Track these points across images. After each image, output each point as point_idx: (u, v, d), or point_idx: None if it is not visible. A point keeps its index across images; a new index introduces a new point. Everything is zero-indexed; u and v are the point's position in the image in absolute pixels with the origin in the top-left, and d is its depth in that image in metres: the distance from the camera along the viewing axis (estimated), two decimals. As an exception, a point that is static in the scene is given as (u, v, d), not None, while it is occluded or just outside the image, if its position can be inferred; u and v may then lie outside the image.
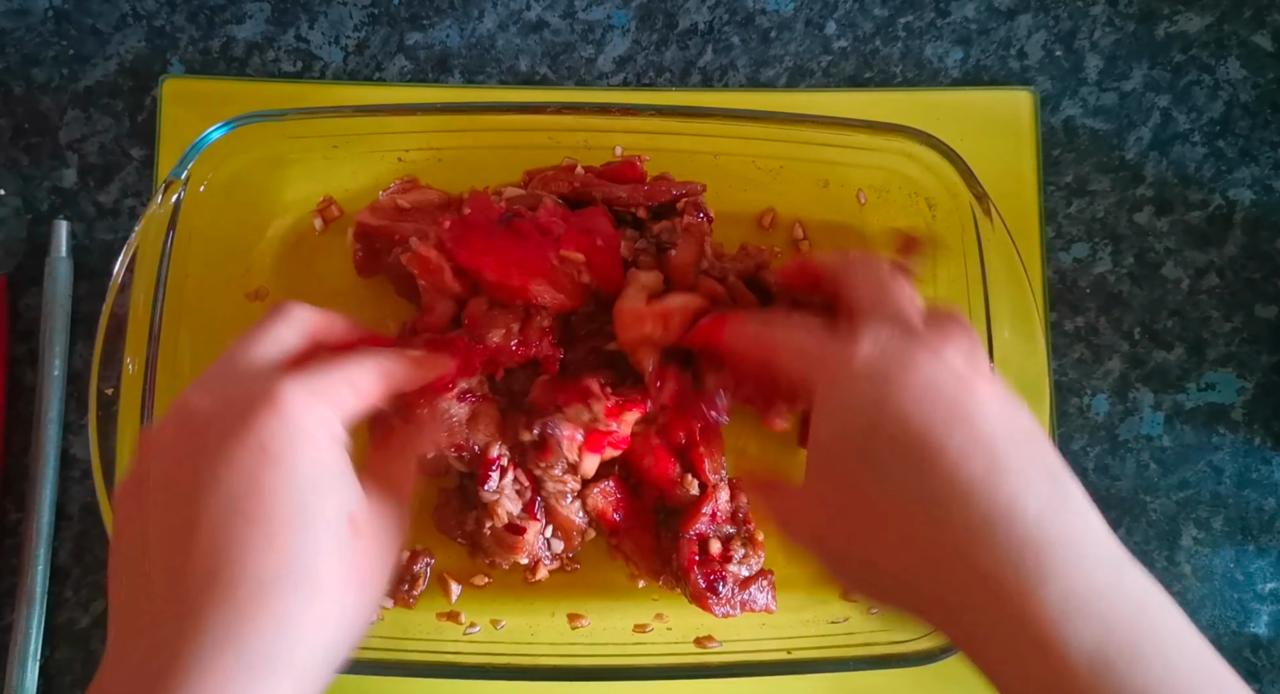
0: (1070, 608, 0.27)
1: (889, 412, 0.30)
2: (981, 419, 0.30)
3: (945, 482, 0.29)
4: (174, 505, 0.30)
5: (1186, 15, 0.55)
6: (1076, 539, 0.29)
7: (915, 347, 0.32)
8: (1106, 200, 0.54)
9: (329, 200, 0.51)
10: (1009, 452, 0.29)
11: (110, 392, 0.44)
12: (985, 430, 0.30)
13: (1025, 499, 0.29)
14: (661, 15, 0.55)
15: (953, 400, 0.30)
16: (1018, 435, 0.30)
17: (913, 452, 0.30)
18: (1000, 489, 0.29)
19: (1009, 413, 0.31)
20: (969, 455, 0.29)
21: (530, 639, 0.48)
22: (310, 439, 0.30)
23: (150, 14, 0.54)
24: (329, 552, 0.30)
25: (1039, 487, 0.29)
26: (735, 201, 0.51)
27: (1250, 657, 0.51)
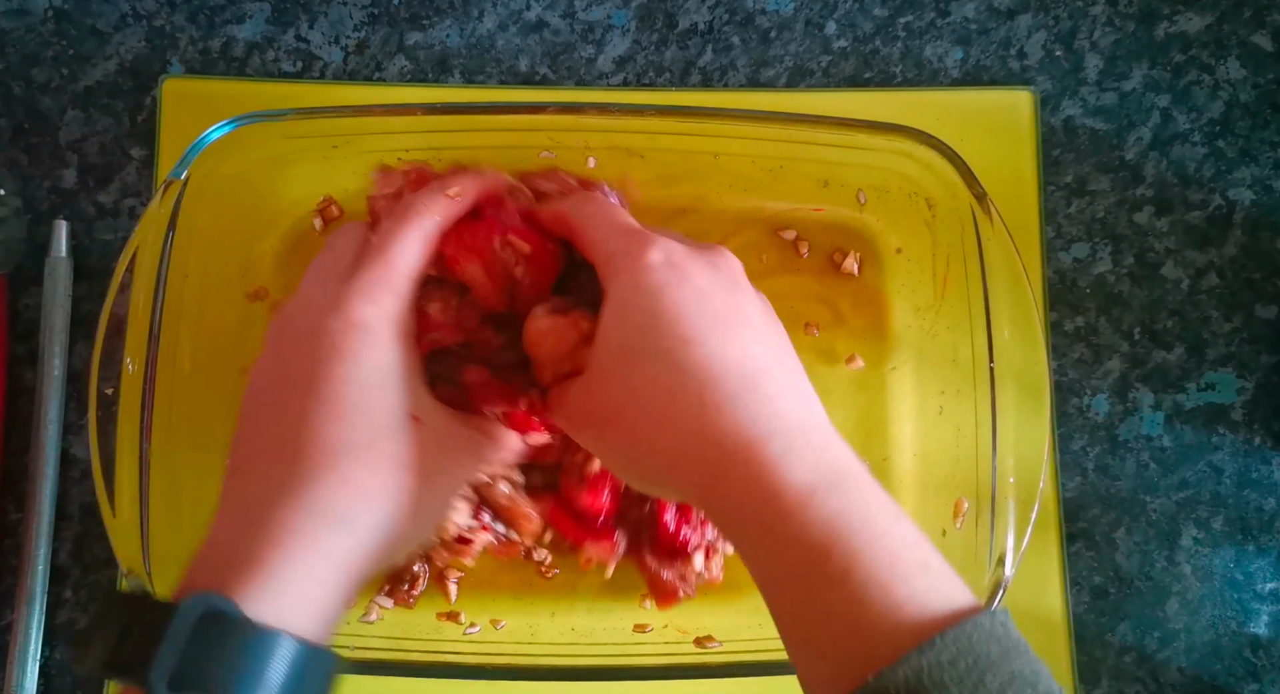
0: (789, 457, 0.31)
1: (666, 311, 0.34)
2: (741, 325, 0.34)
3: (702, 368, 0.33)
4: (270, 389, 0.35)
5: (1186, 15, 0.55)
6: (803, 417, 0.33)
7: (696, 256, 0.36)
8: (1106, 200, 0.54)
9: (329, 200, 0.51)
10: (756, 354, 0.34)
11: (110, 391, 0.44)
12: (741, 334, 0.34)
13: (766, 385, 0.33)
14: (661, 15, 0.55)
15: (720, 307, 0.34)
16: (768, 340, 0.35)
17: (680, 344, 0.33)
18: (742, 379, 0.33)
19: (766, 323, 0.36)
20: (726, 350, 0.33)
21: (530, 639, 0.48)
22: (375, 344, 0.35)
23: (150, 14, 0.54)
24: (391, 433, 0.34)
25: (779, 376, 0.34)
26: (735, 202, 0.51)
27: (1250, 657, 0.51)
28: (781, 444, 0.31)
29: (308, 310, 0.36)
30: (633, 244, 0.36)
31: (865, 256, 0.52)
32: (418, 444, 0.35)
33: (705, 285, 0.35)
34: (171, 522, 0.45)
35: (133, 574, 0.43)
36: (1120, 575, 0.52)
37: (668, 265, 0.35)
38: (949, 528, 0.48)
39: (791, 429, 0.32)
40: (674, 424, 0.33)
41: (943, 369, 0.50)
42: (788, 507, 0.30)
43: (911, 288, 0.51)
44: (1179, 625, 0.51)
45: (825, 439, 0.33)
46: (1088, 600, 0.51)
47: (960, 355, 0.48)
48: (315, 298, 0.37)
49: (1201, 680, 0.51)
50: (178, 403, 0.46)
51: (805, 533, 0.30)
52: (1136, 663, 0.51)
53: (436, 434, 0.36)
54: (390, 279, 0.37)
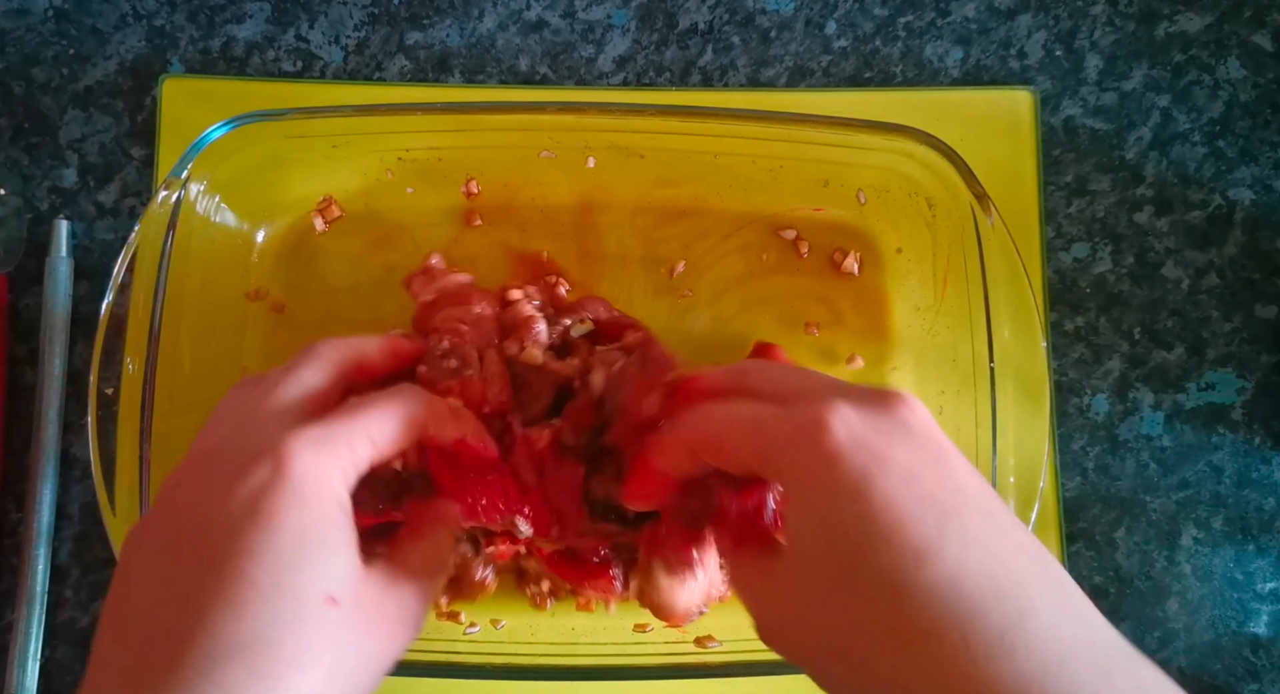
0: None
1: (877, 516, 0.26)
2: (968, 511, 0.27)
3: (939, 596, 0.25)
4: (161, 553, 0.29)
5: (1186, 15, 0.55)
6: (1089, 644, 0.26)
7: (882, 422, 0.28)
8: (1106, 200, 0.54)
9: (329, 200, 0.51)
10: (1002, 552, 0.26)
11: (110, 391, 0.44)
12: (974, 526, 0.27)
13: (1034, 613, 0.25)
14: (661, 15, 0.55)
15: (936, 491, 0.27)
16: (1006, 529, 0.27)
17: (910, 562, 0.26)
18: (1003, 602, 0.25)
19: (986, 491, 0.28)
20: (968, 559, 0.26)
21: (530, 639, 0.48)
22: (305, 506, 0.28)
23: (150, 14, 0.54)
24: (295, 625, 0.27)
25: (1044, 593, 0.26)
26: (735, 202, 0.51)
27: (1250, 657, 0.51)
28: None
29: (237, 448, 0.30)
30: (799, 424, 0.28)
31: (865, 256, 0.52)
32: (329, 634, 0.28)
33: (910, 464, 0.27)
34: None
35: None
36: (1120, 575, 0.52)
37: (856, 446, 0.27)
38: (949, 528, 0.48)
39: (1081, 671, 0.25)
40: (928, 674, 0.25)
41: (943, 369, 0.50)
42: None
43: (911, 288, 0.51)
44: (1179, 625, 0.51)
45: (1133, 679, 0.25)
46: (1088, 600, 0.51)
47: (960, 355, 0.48)
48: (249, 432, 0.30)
49: (1201, 680, 0.51)
50: (178, 403, 0.46)
51: None
52: (1136, 663, 0.51)
53: (358, 616, 0.29)
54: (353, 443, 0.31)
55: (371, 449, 0.31)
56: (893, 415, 0.29)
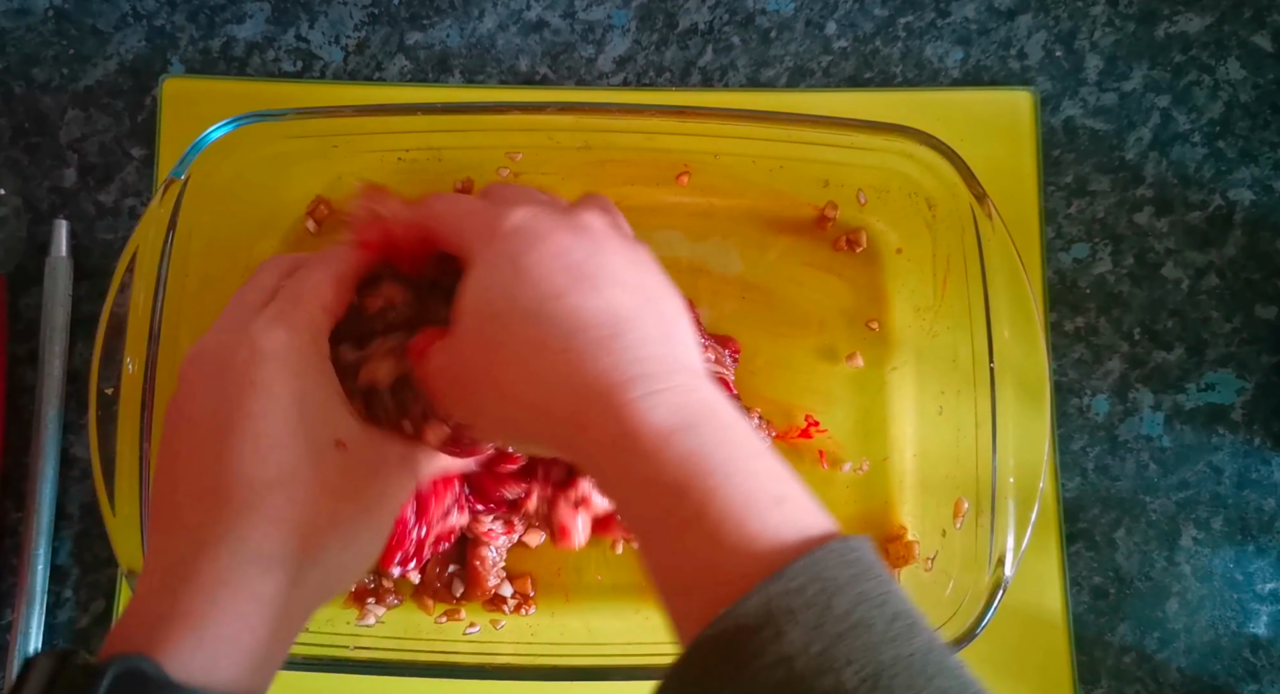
0: (650, 399, 0.31)
1: (528, 271, 0.33)
2: (604, 278, 0.33)
3: (566, 318, 0.32)
4: (185, 429, 0.34)
5: (1186, 16, 0.55)
6: (669, 361, 0.32)
7: (555, 217, 0.35)
8: (1106, 200, 0.54)
9: (319, 200, 0.51)
10: (622, 304, 0.33)
11: (110, 391, 0.44)
12: (604, 286, 0.33)
13: (629, 332, 0.32)
14: (661, 15, 0.55)
15: (582, 263, 0.33)
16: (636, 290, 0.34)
17: (543, 301, 0.32)
18: (607, 327, 0.32)
19: (636, 275, 0.34)
20: (590, 302, 0.32)
21: (530, 639, 0.48)
22: (286, 367, 0.34)
23: (150, 14, 0.54)
24: (314, 464, 0.33)
25: (649, 325, 0.33)
26: (735, 201, 0.51)
27: (1250, 657, 0.51)
28: (643, 388, 0.31)
29: (219, 345, 0.35)
30: (488, 219, 0.35)
31: (865, 257, 0.52)
32: (345, 471, 0.34)
33: (565, 243, 0.34)
34: (171, 521, 0.45)
35: (133, 574, 0.43)
36: (1120, 576, 0.52)
37: (524, 231, 0.34)
38: (949, 528, 0.48)
39: (655, 373, 0.31)
40: (541, 377, 0.32)
41: (943, 369, 0.50)
42: (644, 448, 0.30)
43: (911, 288, 0.51)
44: (1179, 626, 0.51)
45: (692, 382, 0.32)
46: (1087, 601, 0.51)
47: (960, 355, 0.48)
48: (228, 331, 0.35)
49: (1201, 681, 0.51)
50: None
51: (661, 474, 0.30)
52: (1136, 663, 0.51)
53: (365, 457, 0.35)
54: (302, 309, 0.35)
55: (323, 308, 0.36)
56: (569, 213, 0.35)
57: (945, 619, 0.45)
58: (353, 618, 0.47)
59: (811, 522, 0.30)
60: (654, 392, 0.31)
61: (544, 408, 0.33)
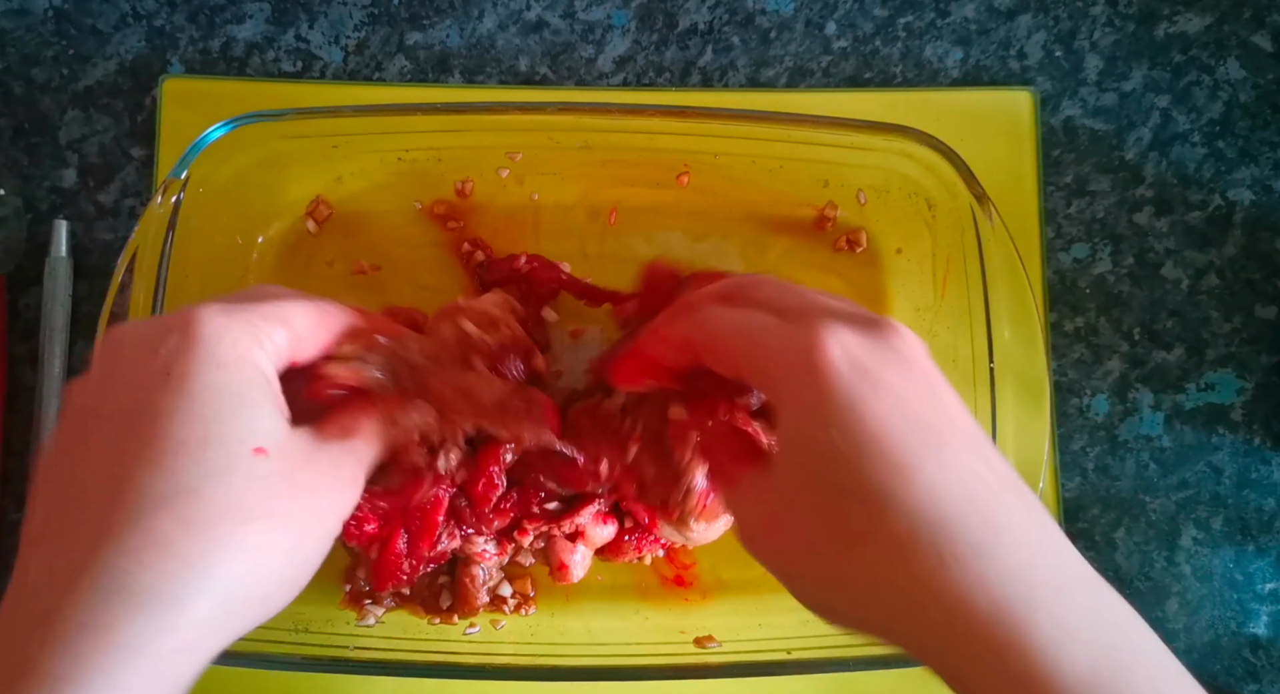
0: (1061, 636, 0.26)
1: (867, 432, 0.28)
2: (954, 435, 0.28)
3: (918, 510, 0.27)
4: (83, 422, 0.29)
5: (1186, 16, 0.55)
6: (1057, 565, 0.27)
7: (878, 349, 0.29)
8: (1106, 200, 0.54)
9: (319, 200, 0.51)
10: (982, 476, 0.28)
11: (110, 391, 0.44)
12: (957, 450, 0.28)
13: (1008, 530, 0.27)
14: (661, 15, 0.55)
15: (926, 415, 0.28)
16: (988, 458, 0.29)
17: (892, 477, 0.27)
18: (978, 519, 0.27)
19: (973, 423, 0.30)
20: (944, 478, 0.27)
21: (530, 639, 0.48)
22: (219, 364, 0.29)
23: (150, 14, 0.54)
24: (221, 475, 0.27)
25: (1018, 515, 0.28)
26: (735, 202, 0.51)
27: (1250, 657, 0.51)
28: (1044, 615, 0.25)
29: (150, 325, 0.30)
30: (798, 347, 0.29)
31: (865, 257, 0.52)
32: (262, 486, 0.28)
33: (902, 388, 0.28)
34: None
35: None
36: (1120, 576, 0.52)
37: (852, 367, 0.28)
38: (949, 528, 0.48)
39: (1049, 585, 0.26)
40: (901, 585, 0.27)
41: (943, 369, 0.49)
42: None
43: (911, 288, 0.51)
44: (1178, 626, 0.51)
45: (1095, 597, 0.27)
46: (1087, 601, 0.51)
47: (960, 355, 0.48)
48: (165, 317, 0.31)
49: (1201, 681, 0.51)
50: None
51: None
52: (1136, 663, 0.51)
53: (287, 468, 0.29)
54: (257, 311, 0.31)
55: (288, 332, 0.32)
56: (887, 341, 0.30)
57: (945, 619, 0.45)
58: (352, 618, 0.47)
59: None
60: (1056, 620, 0.25)
61: (900, 615, 0.27)
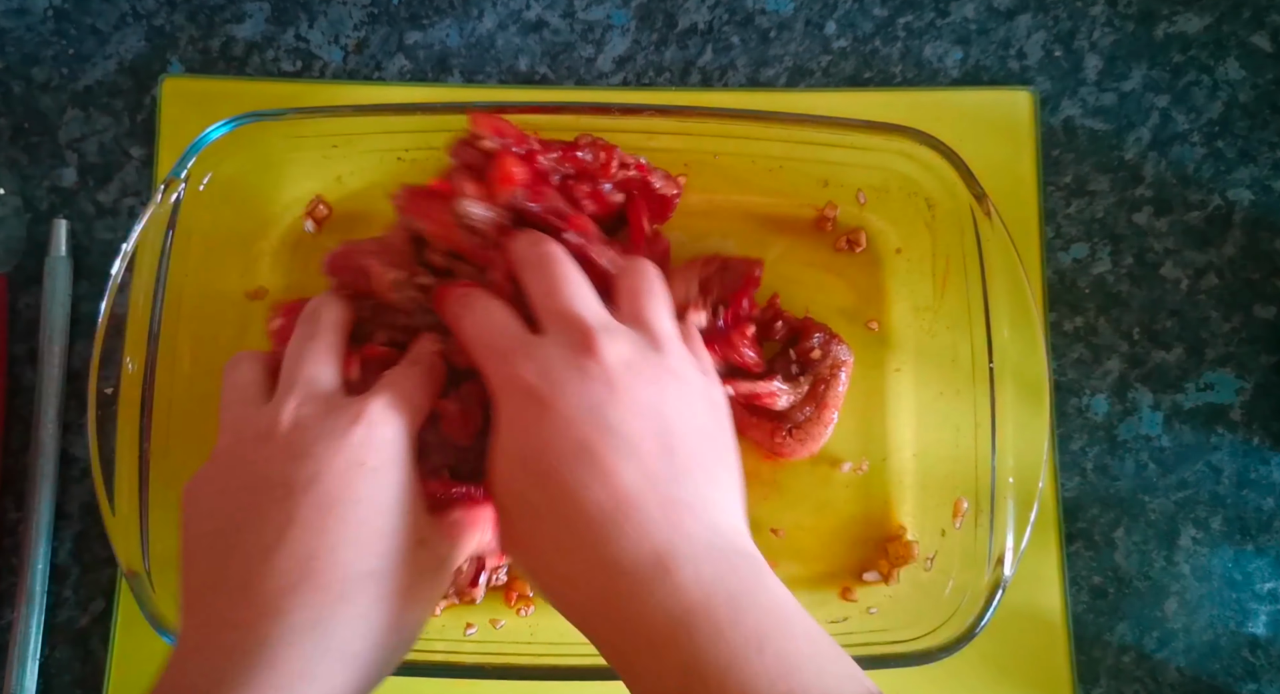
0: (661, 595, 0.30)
1: (534, 452, 0.32)
2: (607, 450, 0.32)
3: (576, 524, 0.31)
4: (263, 505, 0.31)
5: (1186, 16, 0.55)
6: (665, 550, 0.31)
7: (565, 374, 0.33)
8: (1106, 200, 0.54)
9: (318, 199, 0.51)
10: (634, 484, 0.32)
11: (110, 391, 0.44)
12: (606, 462, 0.32)
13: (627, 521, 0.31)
14: (661, 15, 0.55)
15: (583, 434, 0.32)
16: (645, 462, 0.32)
17: (554, 487, 0.32)
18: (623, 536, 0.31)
19: (641, 433, 0.33)
20: (590, 491, 0.31)
21: (530, 639, 0.48)
22: (396, 457, 0.33)
23: (150, 13, 0.54)
24: (405, 562, 0.32)
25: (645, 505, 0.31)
26: (735, 201, 0.51)
27: (1249, 656, 0.51)
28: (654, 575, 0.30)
29: (325, 405, 0.34)
30: (506, 360, 0.34)
31: (865, 257, 0.52)
32: (420, 572, 0.33)
33: (570, 410, 0.32)
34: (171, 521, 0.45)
35: (134, 573, 0.43)
36: (1119, 575, 0.52)
37: (528, 399, 0.33)
38: (948, 528, 0.48)
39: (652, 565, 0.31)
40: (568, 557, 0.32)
41: (943, 369, 0.50)
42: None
43: (911, 288, 0.51)
44: (1178, 625, 0.51)
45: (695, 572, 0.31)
46: (1087, 600, 0.51)
47: (960, 355, 0.48)
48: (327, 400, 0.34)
49: (1200, 680, 0.51)
50: (178, 403, 0.46)
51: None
52: (1135, 663, 0.51)
53: (433, 559, 0.34)
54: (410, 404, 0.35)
55: (418, 415, 0.36)
56: (576, 362, 0.33)
57: (944, 619, 0.45)
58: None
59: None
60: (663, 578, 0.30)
61: (570, 586, 0.32)
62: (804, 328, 0.49)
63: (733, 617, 0.29)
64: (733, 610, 0.30)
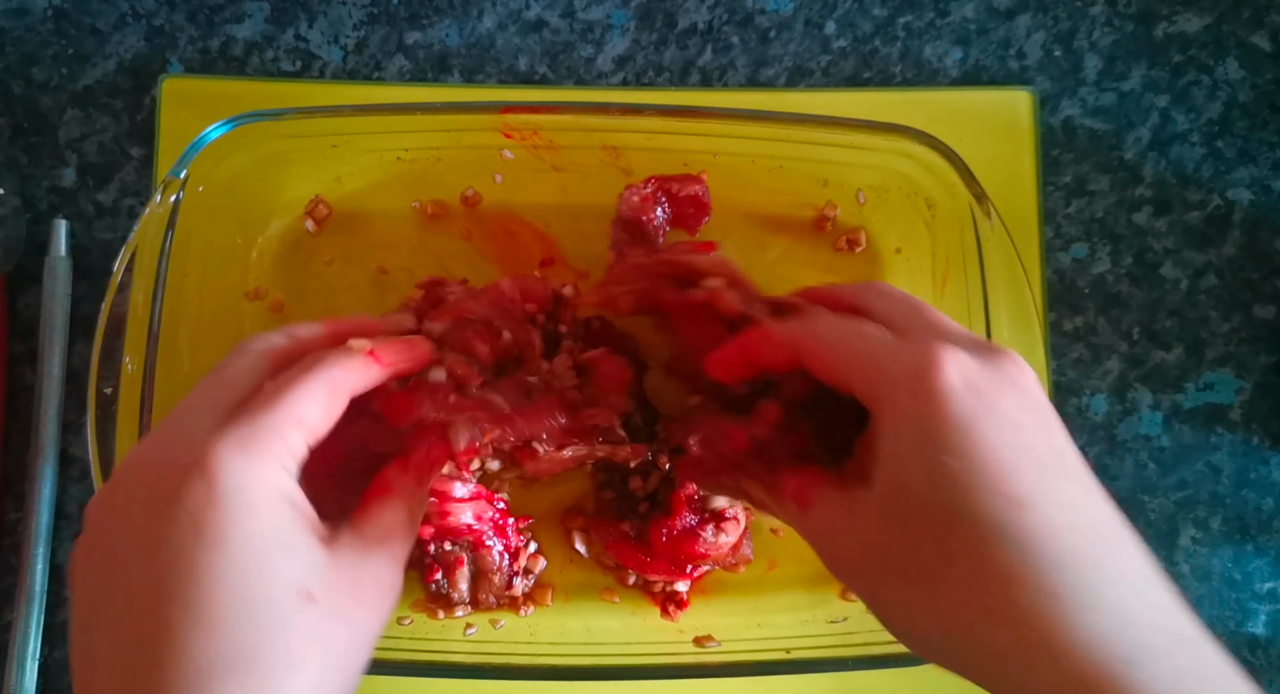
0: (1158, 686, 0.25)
1: (982, 457, 0.27)
2: (1065, 473, 0.28)
3: (1029, 544, 0.26)
4: (109, 584, 0.27)
5: (1185, 16, 0.55)
6: (1163, 624, 0.26)
7: (994, 375, 0.28)
8: (1105, 200, 0.54)
9: (317, 199, 0.51)
10: (1093, 517, 0.27)
11: (109, 391, 0.44)
12: (1071, 488, 0.27)
13: (1120, 577, 0.26)
14: (661, 15, 0.55)
15: (1041, 448, 0.28)
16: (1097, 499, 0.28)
17: (1008, 505, 0.26)
18: (1091, 561, 0.26)
19: (1082, 461, 0.29)
20: (1061, 516, 0.26)
21: (530, 639, 0.48)
22: (248, 508, 0.27)
23: (149, 13, 0.54)
24: (277, 630, 0.27)
25: (1131, 561, 0.27)
26: (735, 201, 0.51)
27: (1248, 656, 0.51)
28: (1145, 673, 0.24)
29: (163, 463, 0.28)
30: (911, 358, 0.29)
31: (865, 257, 0.52)
32: (310, 629, 0.27)
33: (1018, 416, 0.28)
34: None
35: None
36: (1119, 575, 0.52)
37: (969, 390, 0.28)
38: (948, 528, 0.48)
39: (1153, 645, 0.25)
40: (1002, 616, 0.26)
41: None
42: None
43: (911, 288, 0.51)
44: (1177, 625, 0.51)
45: (1198, 658, 0.26)
46: (1086, 600, 0.51)
47: (959, 355, 0.48)
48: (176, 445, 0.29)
49: (1200, 680, 0.51)
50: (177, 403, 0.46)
51: None
52: (1135, 662, 0.51)
53: (335, 600, 0.29)
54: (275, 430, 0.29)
55: (304, 432, 0.30)
56: (1002, 368, 0.29)
57: (944, 619, 0.45)
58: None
59: None
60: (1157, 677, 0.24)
61: (974, 639, 0.27)
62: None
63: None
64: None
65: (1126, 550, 0.27)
